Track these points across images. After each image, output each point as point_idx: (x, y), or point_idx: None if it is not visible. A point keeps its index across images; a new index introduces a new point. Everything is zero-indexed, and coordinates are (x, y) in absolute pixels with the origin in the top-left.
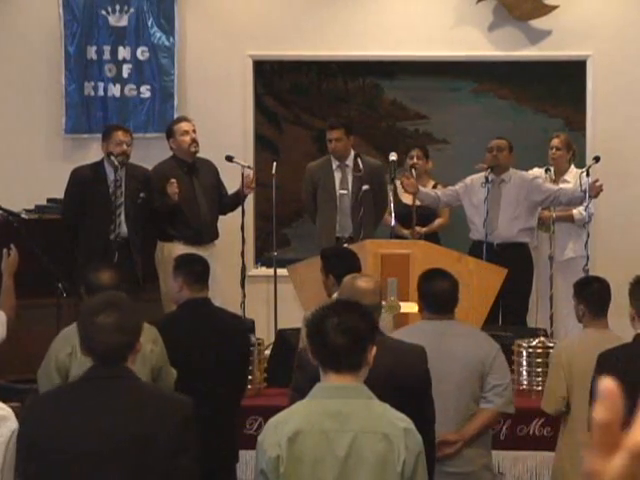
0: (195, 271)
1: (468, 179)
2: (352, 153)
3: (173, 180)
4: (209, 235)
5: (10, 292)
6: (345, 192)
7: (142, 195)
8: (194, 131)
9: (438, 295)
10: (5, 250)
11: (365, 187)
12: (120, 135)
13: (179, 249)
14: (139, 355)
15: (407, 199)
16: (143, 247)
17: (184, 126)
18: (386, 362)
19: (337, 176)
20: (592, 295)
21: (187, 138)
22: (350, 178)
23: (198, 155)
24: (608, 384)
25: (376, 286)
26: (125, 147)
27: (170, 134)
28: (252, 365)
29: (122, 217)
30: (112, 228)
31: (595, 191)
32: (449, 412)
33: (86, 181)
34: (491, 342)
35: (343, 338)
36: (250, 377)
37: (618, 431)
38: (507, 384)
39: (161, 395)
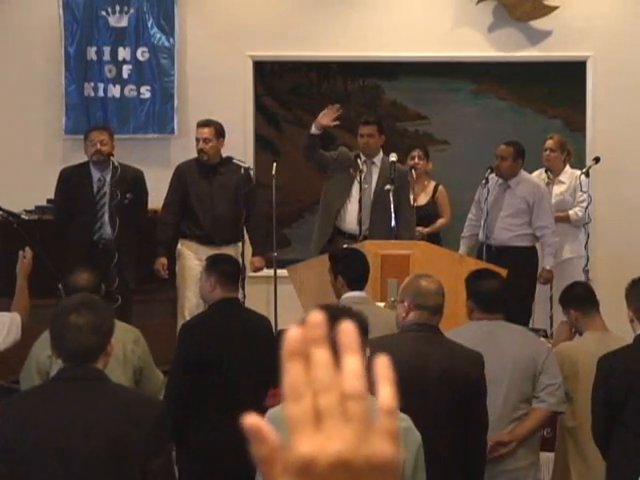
0: (227, 271)
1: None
2: (381, 152)
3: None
4: (224, 237)
5: (25, 294)
6: (366, 187)
7: (129, 196)
8: (205, 140)
9: (489, 294)
10: (21, 252)
11: (387, 187)
12: (94, 135)
13: (192, 248)
14: (120, 355)
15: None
16: (135, 249)
17: (197, 133)
18: (443, 362)
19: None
20: (577, 296)
21: (197, 145)
22: (375, 176)
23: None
24: (253, 422)
25: (439, 287)
26: (99, 146)
27: None
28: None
29: (105, 218)
30: (95, 229)
31: (544, 278)
32: (497, 411)
33: (72, 181)
34: (542, 342)
35: None
36: None
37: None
38: (559, 383)
39: (133, 397)
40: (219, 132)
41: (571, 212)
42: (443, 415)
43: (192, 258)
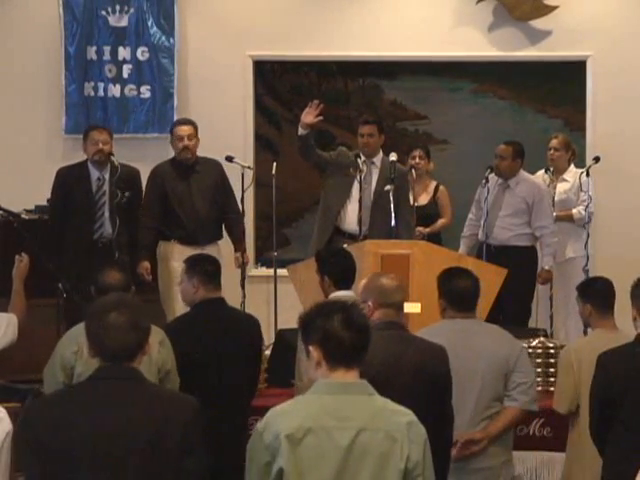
0: (209, 271)
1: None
2: (381, 152)
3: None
4: (207, 236)
5: (21, 296)
6: (366, 187)
7: (127, 194)
8: (189, 137)
9: (462, 292)
10: (17, 257)
11: (388, 187)
12: (95, 134)
13: (175, 249)
14: (146, 356)
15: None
16: (131, 248)
17: (179, 131)
18: (416, 359)
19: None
20: (597, 293)
21: (180, 144)
22: (375, 176)
23: (203, 155)
24: None
25: (400, 284)
26: (101, 145)
27: (171, 134)
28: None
29: (105, 217)
30: (95, 228)
31: (543, 278)
32: (470, 410)
33: (70, 181)
34: (515, 341)
35: (358, 334)
36: None
37: None
38: (532, 382)
39: (168, 396)
40: (197, 130)
41: (574, 211)
42: (419, 411)
43: (175, 259)
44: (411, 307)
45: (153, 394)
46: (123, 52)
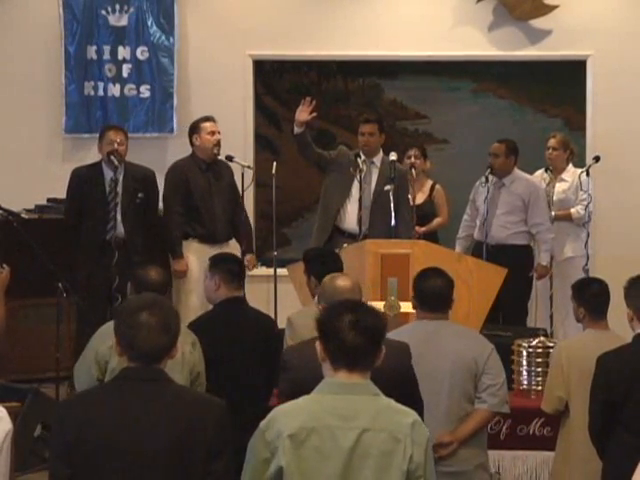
0: (232, 270)
1: (477, 182)
2: (381, 152)
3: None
4: (223, 235)
5: (1, 304)
6: (366, 186)
7: (140, 195)
8: (219, 133)
9: (433, 293)
10: None
11: (387, 187)
12: (111, 135)
13: (192, 247)
14: (178, 357)
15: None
16: (145, 248)
17: (211, 126)
18: (384, 360)
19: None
20: (592, 297)
21: (213, 138)
22: (375, 176)
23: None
24: None
25: (355, 284)
26: (116, 146)
27: (195, 130)
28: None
29: (118, 217)
30: (108, 228)
31: (539, 274)
32: (441, 411)
33: (84, 181)
34: (485, 342)
35: (362, 337)
36: None
37: None
38: (501, 384)
39: (195, 398)
40: None
41: (573, 210)
42: None
43: (193, 258)
44: (409, 307)
45: (180, 396)
46: (123, 51)
